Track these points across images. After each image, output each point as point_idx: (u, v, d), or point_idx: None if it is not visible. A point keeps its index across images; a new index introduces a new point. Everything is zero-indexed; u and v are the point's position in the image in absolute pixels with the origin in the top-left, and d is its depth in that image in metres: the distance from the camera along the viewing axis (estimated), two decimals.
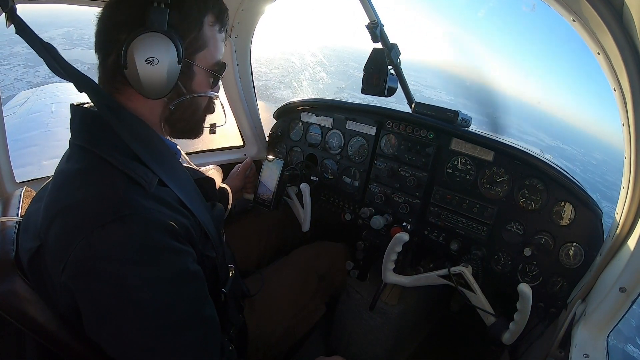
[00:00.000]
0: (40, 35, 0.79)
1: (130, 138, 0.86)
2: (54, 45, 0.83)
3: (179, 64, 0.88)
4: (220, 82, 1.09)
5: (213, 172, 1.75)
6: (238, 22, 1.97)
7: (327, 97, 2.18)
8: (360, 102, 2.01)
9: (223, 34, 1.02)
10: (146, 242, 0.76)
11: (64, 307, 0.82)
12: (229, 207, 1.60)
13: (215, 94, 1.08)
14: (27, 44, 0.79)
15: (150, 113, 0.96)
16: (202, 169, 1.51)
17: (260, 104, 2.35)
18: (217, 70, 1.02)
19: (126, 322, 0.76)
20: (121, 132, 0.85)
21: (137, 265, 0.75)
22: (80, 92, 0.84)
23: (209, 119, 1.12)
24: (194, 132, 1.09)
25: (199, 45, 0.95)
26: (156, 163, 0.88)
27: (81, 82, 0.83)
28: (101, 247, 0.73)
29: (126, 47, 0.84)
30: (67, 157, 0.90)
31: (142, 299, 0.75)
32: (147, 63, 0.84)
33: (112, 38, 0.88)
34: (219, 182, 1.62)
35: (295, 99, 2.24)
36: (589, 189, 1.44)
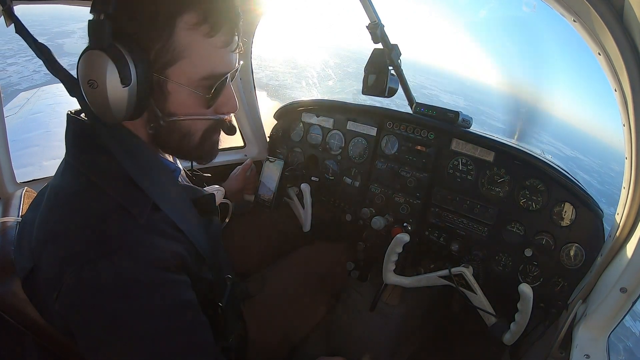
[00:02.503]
0: (60, 29, 0.77)
1: (123, 155, 0.80)
2: (68, 41, 0.81)
3: (125, 86, 0.74)
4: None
5: (217, 193, 1.66)
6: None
7: (339, 99, 2.14)
8: (378, 104, 1.99)
9: (221, 39, 0.81)
10: (137, 277, 0.74)
11: (60, 328, 0.82)
12: (227, 219, 1.59)
13: (217, 117, 0.90)
14: (45, 39, 0.77)
15: (137, 131, 0.87)
16: (207, 189, 1.42)
17: (276, 104, 2.33)
18: (204, 88, 0.83)
19: (119, 353, 0.75)
20: (113, 148, 0.80)
21: (128, 300, 0.73)
22: (72, 96, 0.81)
23: None
24: (195, 157, 0.96)
25: (172, 57, 0.78)
26: (150, 185, 0.82)
27: (73, 86, 0.80)
28: (91, 282, 0.72)
29: (77, 66, 0.76)
30: (62, 171, 0.87)
31: (134, 331, 0.74)
32: (89, 86, 0.74)
33: None
34: (219, 200, 1.58)
35: (295, 100, 2.24)
36: (606, 202, 1.44)
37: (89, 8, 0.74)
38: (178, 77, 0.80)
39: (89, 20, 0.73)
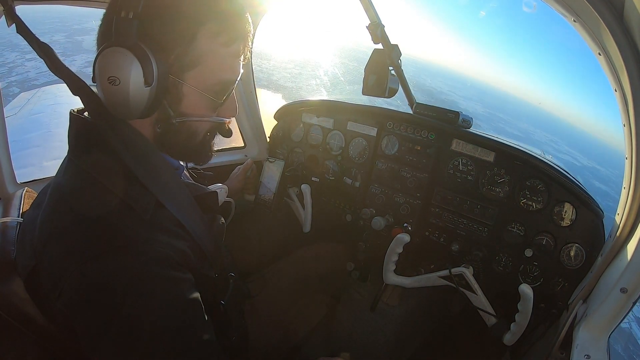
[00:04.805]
0: (80, 26, 0.77)
1: (126, 153, 0.81)
2: (87, 38, 0.81)
3: (147, 85, 0.76)
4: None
5: (221, 191, 1.67)
6: None
7: (340, 99, 2.13)
8: (393, 108, 1.97)
9: (236, 48, 0.86)
10: (140, 274, 0.74)
11: (62, 326, 0.82)
12: (230, 217, 1.59)
13: (220, 119, 0.94)
14: (64, 35, 0.77)
15: (143, 130, 0.88)
16: (210, 187, 1.44)
17: None
18: (217, 93, 0.88)
19: (121, 352, 0.74)
20: (117, 146, 0.81)
21: (131, 297, 0.72)
22: (75, 94, 0.82)
23: None
24: (195, 158, 0.99)
25: (189, 62, 0.82)
26: (153, 182, 0.83)
27: (75, 85, 0.81)
28: (95, 279, 0.72)
29: (94, 62, 0.77)
30: (64, 170, 0.87)
31: (137, 329, 0.73)
32: (109, 82, 0.75)
33: (97, 47, 0.82)
34: (222, 199, 1.58)
35: (296, 100, 2.24)
36: None
37: (93, 8, 0.74)
38: (194, 81, 0.84)
39: (119, 17, 0.74)
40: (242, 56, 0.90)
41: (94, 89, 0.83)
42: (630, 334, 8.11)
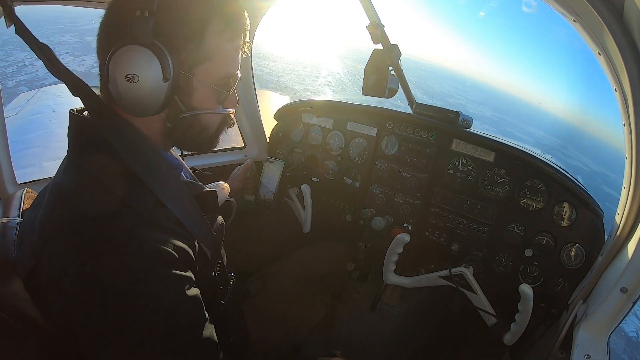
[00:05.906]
0: (89, 26, 0.78)
1: (126, 152, 0.82)
2: (91, 41, 0.82)
3: (165, 81, 0.79)
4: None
5: (220, 189, 1.66)
6: None
7: (342, 100, 2.13)
8: (393, 108, 1.97)
9: (238, 43, 0.91)
10: (140, 272, 0.74)
11: (62, 326, 0.82)
12: (231, 218, 1.59)
13: (226, 110, 0.98)
14: (74, 35, 0.77)
15: (147, 128, 0.89)
16: (210, 185, 1.45)
17: None
18: (224, 86, 0.92)
19: (122, 351, 0.74)
20: (116, 145, 0.81)
21: (131, 295, 0.73)
22: (74, 95, 0.82)
23: None
24: (204, 149, 1.02)
25: (200, 58, 0.85)
26: (153, 181, 0.84)
27: (75, 85, 0.81)
28: (94, 277, 0.71)
29: (108, 60, 0.78)
30: (64, 169, 0.88)
31: (137, 328, 0.73)
32: (127, 80, 0.76)
33: (103, 46, 0.83)
34: (223, 198, 1.58)
35: (295, 100, 2.24)
36: None
37: (93, 8, 0.74)
38: (203, 76, 0.87)
39: (134, 15, 0.76)
40: (244, 49, 0.95)
41: (95, 89, 0.83)
42: (637, 343, 8.00)
